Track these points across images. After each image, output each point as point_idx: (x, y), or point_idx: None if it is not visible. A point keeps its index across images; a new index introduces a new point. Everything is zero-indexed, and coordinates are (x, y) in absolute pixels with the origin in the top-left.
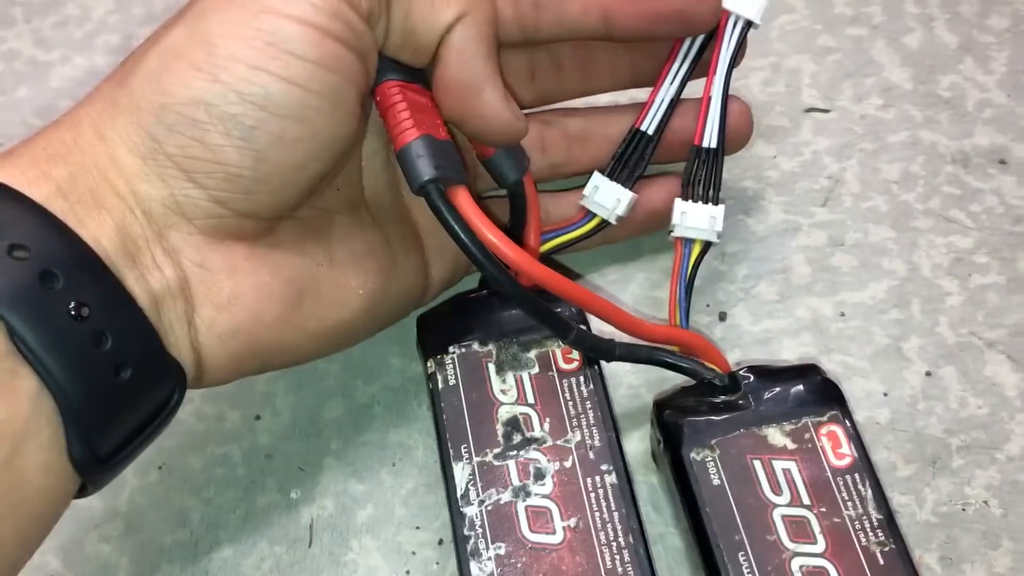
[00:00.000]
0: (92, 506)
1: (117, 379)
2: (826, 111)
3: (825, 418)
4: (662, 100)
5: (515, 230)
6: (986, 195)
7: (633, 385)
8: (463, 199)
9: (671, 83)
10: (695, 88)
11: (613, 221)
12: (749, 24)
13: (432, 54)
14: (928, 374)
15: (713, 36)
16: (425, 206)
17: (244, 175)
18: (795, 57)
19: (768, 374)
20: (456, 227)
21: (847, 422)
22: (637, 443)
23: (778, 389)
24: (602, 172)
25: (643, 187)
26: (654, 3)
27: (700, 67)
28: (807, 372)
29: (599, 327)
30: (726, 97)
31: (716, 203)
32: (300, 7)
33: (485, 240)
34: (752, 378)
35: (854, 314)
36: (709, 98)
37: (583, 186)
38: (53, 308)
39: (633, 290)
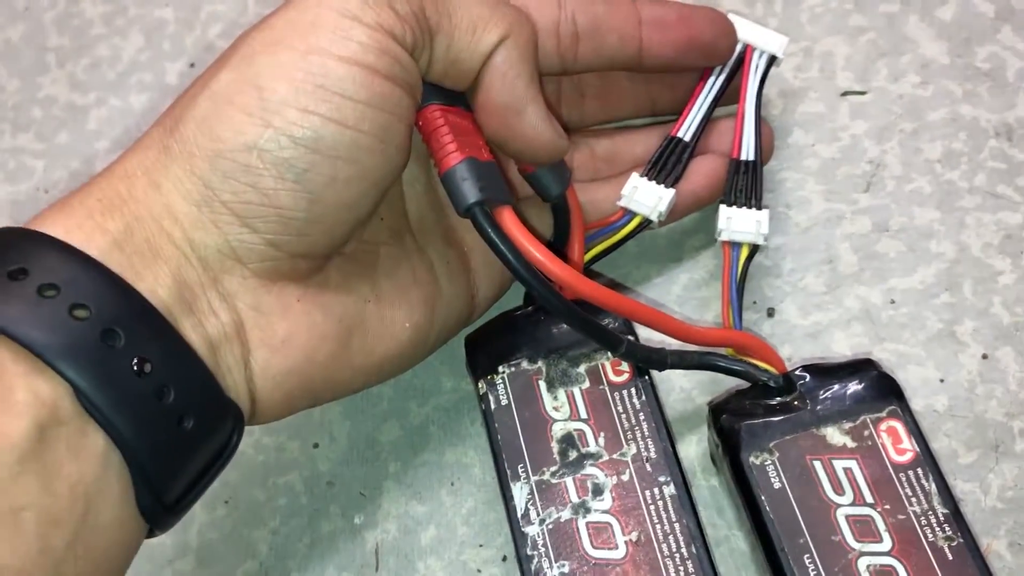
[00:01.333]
0: (164, 543)
1: (180, 429)
2: (863, 93)
3: (884, 413)
4: (697, 110)
5: (559, 242)
6: None
7: (685, 388)
8: (509, 219)
9: (704, 98)
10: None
11: (655, 219)
12: (773, 58)
13: (474, 78)
14: (984, 357)
15: (740, 70)
16: (471, 226)
17: (298, 217)
18: (827, 40)
19: (823, 372)
20: (503, 248)
21: (906, 416)
22: (695, 447)
23: (834, 387)
24: (639, 173)
25: (685, 172)
26: (685, 34)
27: (728, 95)
28: (862, 367)
29: (647, 334)
30: (759, 114)
31: (760, 208)
32: (348, 46)
33: (532, 259)
34: (807, 377)
35: (905, 300)
36: (743, 113)
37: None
38: (117, 366)
39: (677, 292)
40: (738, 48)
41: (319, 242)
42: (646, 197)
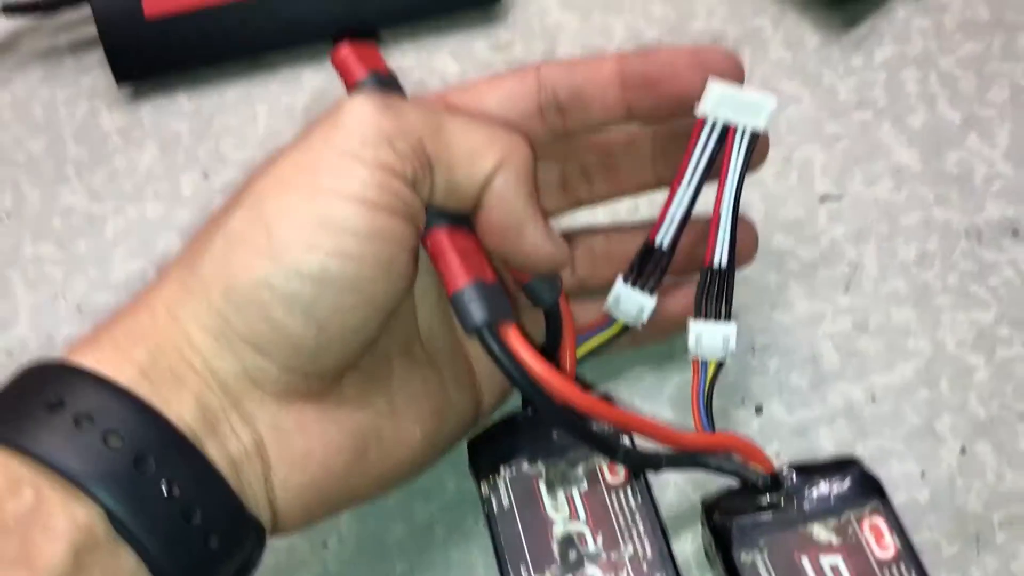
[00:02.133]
0: None
1: (206, 547)
2: (839, 198)
3: (867, 510)
4: (674, 214)
5: (551, 347)
6: (1002, 267)
7: (679, 484)
8: (514, 338)
9: (682, 195)
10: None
11: (638, 327)
12: (756, 135)
13: (475, 201)
14: (963, 451)
15: (723, 147)
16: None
17: (308, 344)
18: (805, 147)
19: (809, 471)
20: (509, 366)
21: (888, 513)
22: (690, 543)
23: (820, 485)
24: (623, 279)
25: (663, 295)
26: (671, 91)
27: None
28: (846, 466)
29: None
30: (736, 215)
31: (728, 318)
32: (350, 185)
33: (538, 377)
34: (794, 476)
35: (885, 396)
36: (719, 218)
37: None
38: (148, 490)
39: (669, 392)
40: (718, 128)
41: (330, 364)
42: (628, 306)
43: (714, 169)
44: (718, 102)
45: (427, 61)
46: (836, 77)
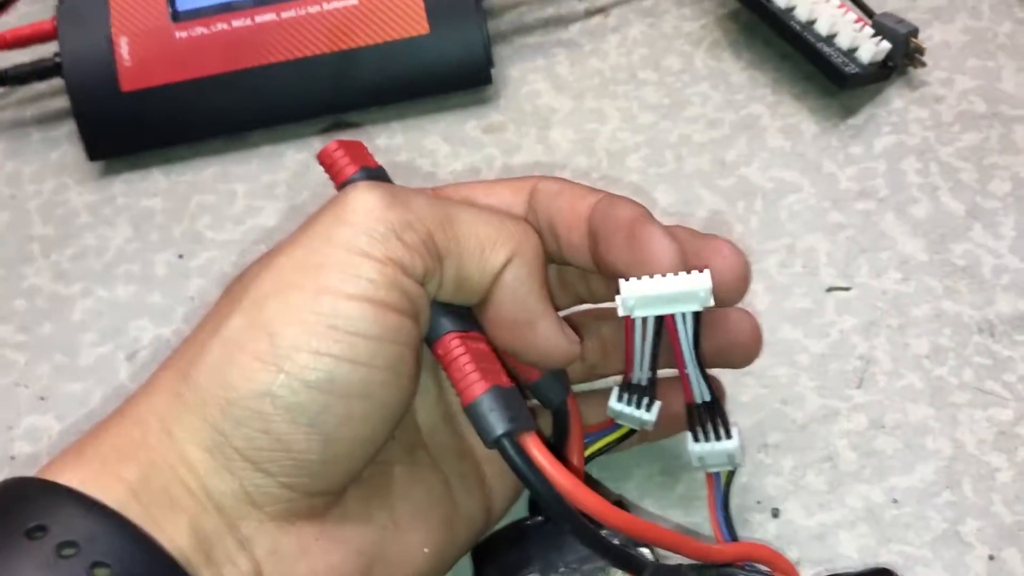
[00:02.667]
0: None
1: None
2: (847, 289)
3: None
4: (640, 360)
5: (557, 447)
6: (1017, 363)
7: None
8: (536, 449)
9: (641, 355)
10: None
11: (646, 429)
12: (698, 314)
13: (484, 295)
14: (991, 558)
15: (661, 329)
16: None
17: (312, 459)
18: (808, 236)
19: None
20: (534, 480)
21: None
22: None
23: None
24: (616, 398)
25: (666, 391)
26: (614, 261)
27: None
28: None
29: None
30: (701, 361)
31: (729, 436)
32: (358, 284)
33: (563, 490)
34: None
35: (906, 499)
36: (683, 365)
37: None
38: None
39: (680, 491)
40: (651, 322)
41: (335, 480)
42: (630, 421)
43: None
44: (638, 303)
45: (417, 142)
46: (836, 166)
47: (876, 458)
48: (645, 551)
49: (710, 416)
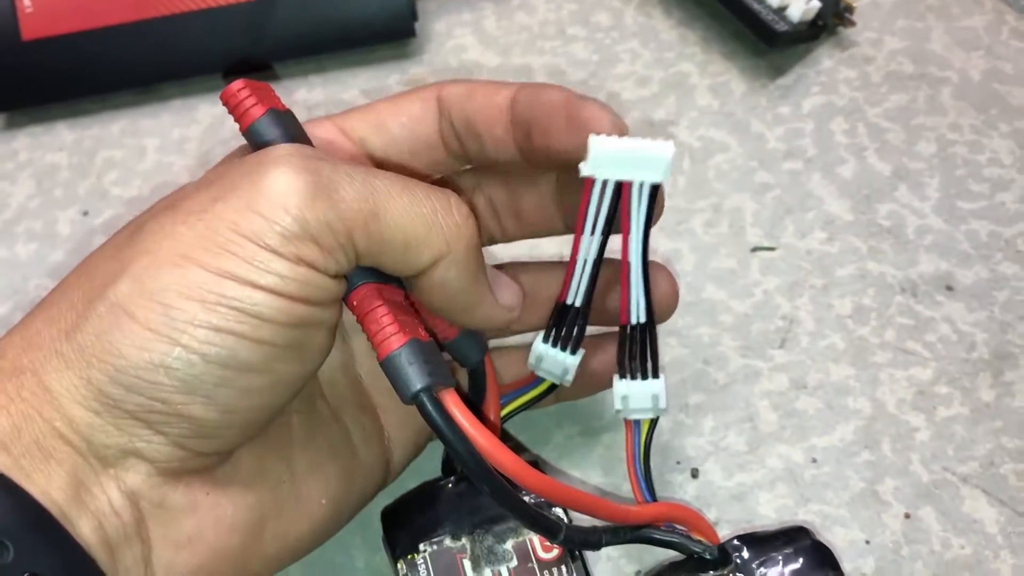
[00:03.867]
0: None
1: None
2: (772, 249)
3: None
4: (581, 271)
5: (475, 404)
6: (938, 323)
7: (613, 557)
8: (455, 406)
9: (588, 247)
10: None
11: (566, 383)
12: (656, 187)
13: (410, 281)
14: (907, 516)
15: (619, 203)
16: (384, 384)
17: (209, 424)
18: (735, 196)
19: (758, 542)
20: (451, 437)
21: None
22: None
23: (769, 558)
24: (542, 339)
25: (588, 349)
26: (544, 144)
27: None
28: (797, 536)
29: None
30: (647, 267)
31: (656, 375)
32: (266, 278)
33: (482, 449)
34: (743, 548)
35: (826, 459)
36: (628, 273)
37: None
38: None
39: (600, 452)
40: (610, 185)
41: (230, 441)
42: (551, 365)
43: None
44: (604, 160)
45: (336, 96)
46: (764, 126)
47: (797, 418)
48: (559, 512)
49: (640, 349)
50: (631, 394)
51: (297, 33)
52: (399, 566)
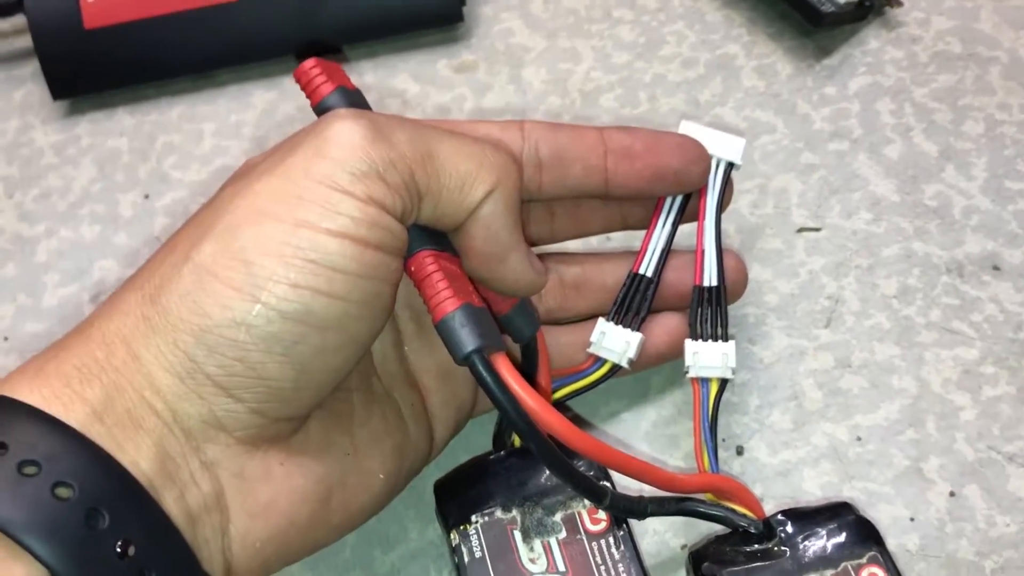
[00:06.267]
0: None
1: None
2: (817, 229)
3: (864, 560)
4: (656, 244)
5: (528, 380)
6: (985, 303)
7: (659, 531)
8: (505, 367)
9: (662, 228)
10: (686, 234)
11: (625, 364)
12: (731, 165)
13: (460, 225)
14: (952, 494)
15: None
16: (429, 364)
17: (285, 386)
18: (781, 177)
19: (801, 517)
20: (501, 397)
21: (887, 561)
22: None
23: (814, 533)
24: (606, 318)
25: (645, 327)
26: (652, 164)
27: (690, 212)
28: (840, 512)
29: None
30: (720, 239)
31: (726, 340)
32: (338, 220)
33: (530, 409)
34: (787, 523)
35: (871, 437)
36: (703, 236)
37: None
38: (100, 550)
39: (646, 428)
40: None
41: (304, 406)
42: (614, 343)
43: (690, 205)
44: (691, 133)
45: (386, 80)
46: (810, 106)
47: (842, 396)
48: (607, 484)
49: (712, 312)
50: (701, 352)
51: (348, 20)
52: (452, 536)
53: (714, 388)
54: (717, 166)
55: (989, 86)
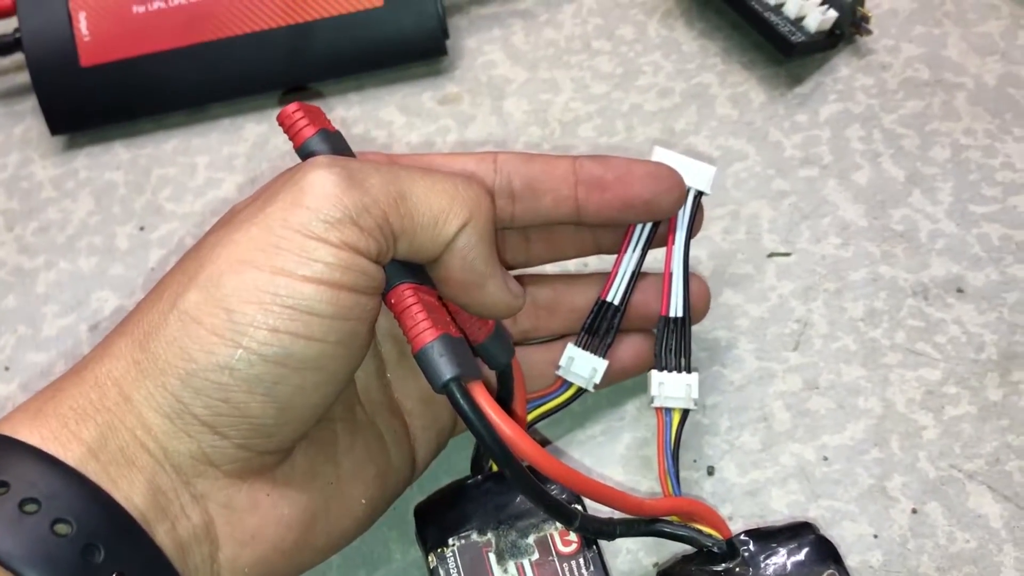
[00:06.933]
0: None
1: None
2: (788, 254)
3: None
4: (624, 272)
5: (504, 405)
6: (948, 325)
7: (631, 550)
8: (481, 395)
9: (631, 255)
10: (658, 259)
11: (591, 389)
12: (700, 194)
13: (436, 258)
14: (914, 512)
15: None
16: (411, 389)
17: (268, 423)
18: (752, 203)
19: (764, 536)
20: (477, 424)
21: None
22: None
23: (775, 552)
24: (574, 343)
25: (612, 350)
26: (622, 194)
27: (660, 237)
28: (801, 532)
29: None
30: (687, 268)
31: (689, 371)
32: (314, 267)
33: (505, 437)
34: (750, 542)
35: (836, 457)
36: (671, 271)
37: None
38: None
39: (620, 451)
40: None
41: (287, 439)
42: (582, 368)
43: (661, 230)
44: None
45: (373, 113)
46: (782, 134)
47: (809, 418)
48: (578, 507)
49: (676, 343)
50: (666, 383)
51: (334, 54)
52: (430, 558)
53: (676, 417)
54: (687, 194)
55: (955, 112)
